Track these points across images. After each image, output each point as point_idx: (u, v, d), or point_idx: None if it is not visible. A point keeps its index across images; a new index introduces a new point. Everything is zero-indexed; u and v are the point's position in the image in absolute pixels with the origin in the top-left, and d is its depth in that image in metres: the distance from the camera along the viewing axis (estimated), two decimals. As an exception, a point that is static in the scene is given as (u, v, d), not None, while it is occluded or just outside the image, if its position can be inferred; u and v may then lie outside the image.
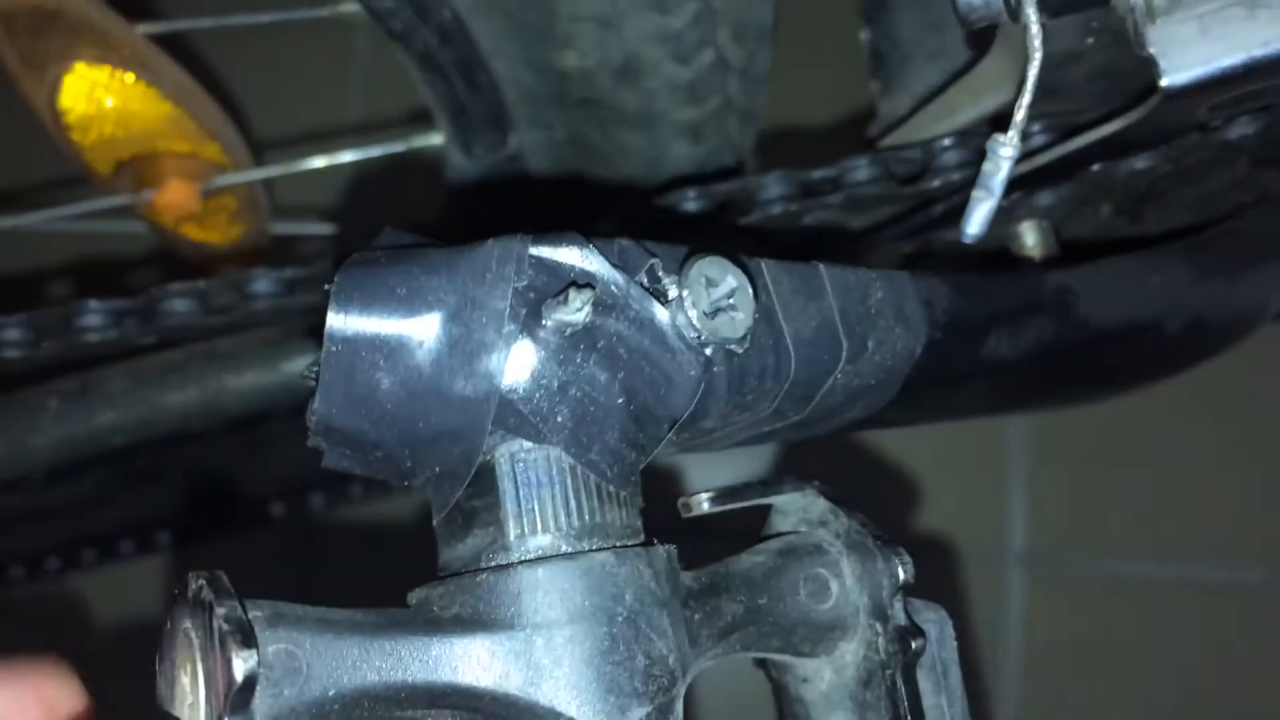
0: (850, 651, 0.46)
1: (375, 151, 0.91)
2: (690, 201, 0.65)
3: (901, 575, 0.44)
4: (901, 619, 0.44)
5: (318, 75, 1.38)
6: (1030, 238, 0.66)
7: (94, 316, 0.68)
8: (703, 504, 0.47)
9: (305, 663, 0.35)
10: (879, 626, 0.45)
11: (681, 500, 0.48)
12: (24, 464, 0.81)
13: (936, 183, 0.64)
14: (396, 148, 0.89)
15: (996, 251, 0.67)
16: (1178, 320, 0.62)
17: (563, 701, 0.37)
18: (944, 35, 0.85)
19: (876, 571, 0.45)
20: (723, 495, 0.47)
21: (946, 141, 0.64)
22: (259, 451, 0.91)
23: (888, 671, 0.44)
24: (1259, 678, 1.41)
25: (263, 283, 0.68)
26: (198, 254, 1.01)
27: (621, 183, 0.81)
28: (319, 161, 0.93)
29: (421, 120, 0.87)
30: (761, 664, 0.49)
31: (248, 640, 0.33)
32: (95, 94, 0.81)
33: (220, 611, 0.34)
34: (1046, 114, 0.64)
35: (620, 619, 0.38)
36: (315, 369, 0.42)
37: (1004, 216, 0.65)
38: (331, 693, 0.36)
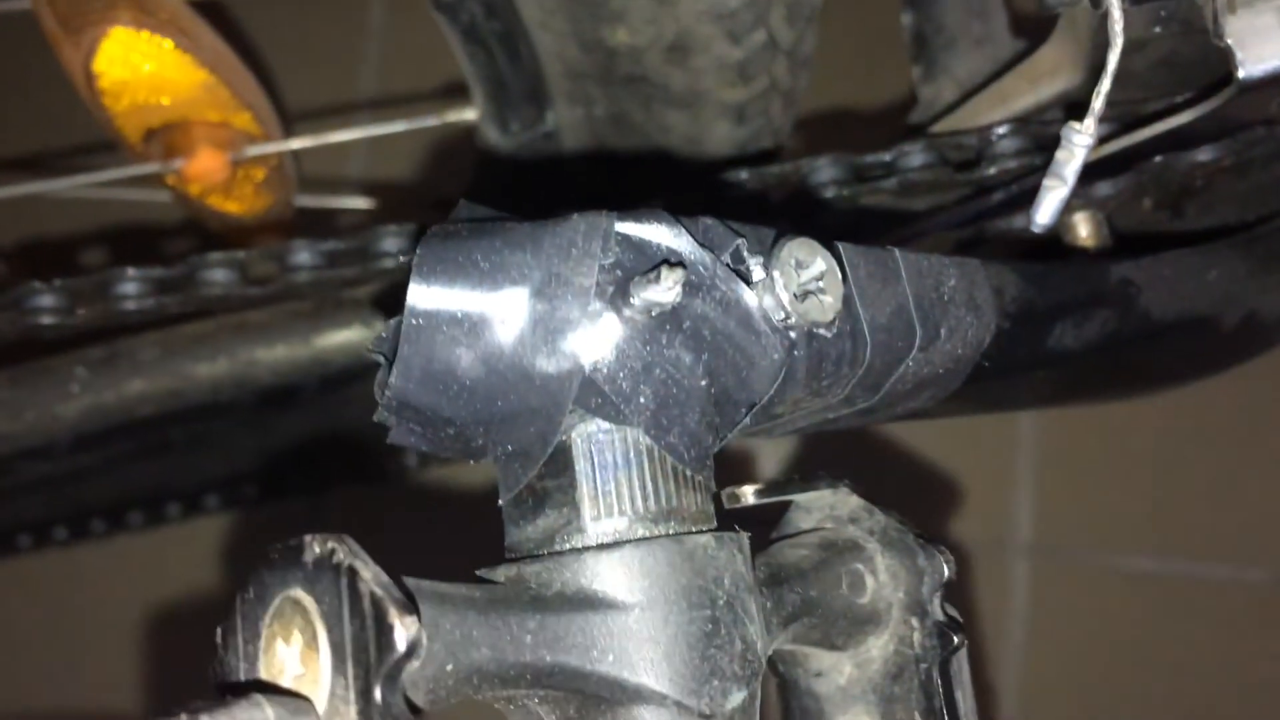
0: (878, 646, 0.46)
1: (408, 125, 0.90)
2: (741, 183, 0.64)
3: (946, 572, 0.44)
4: (940, 615, 0.44)
5: (346, 48, 1.36)
6: (1084, 229, 0.65)
7: (131, 285, 0.67)
8: (748, 496, 0.47)
9: (426, 635, 0.34)
10: (914, 621, 0.45)
11: (727, 491, 0.47)
12: (51, 432, 0.80)
13: (992, 170, 0.63)
14: (429, 122, 0.88)
15: (1049, 242, 0.66)
16: (1234, 315, 0.61)
17: (668, 684, 0.37)
18: (988, 21, 0.84)
19: (916, 568, 0.45)
20: (766, 489, 0.47)
21: (1003, 129, 0.64)
22: (284, 425, 0.90)
23: (923, 665, 0.44)
24: (1260, 675, 1.41)
25: (304, 254, 0.67)
26: (222, 224, 1.00)
27: (660, 162, 0.80)
28: (351, 134, 0.92)
29: (453, 95, 0.86)
30: (770, 661, 0.49)
31: (409, 606, 0.32)
32: (131, 59, 0.79)
33: (367, 575, 0.32)
34: (1112, 102, 0.63)
35: (721, 603, 0.38)
36: (382, 342, 0.41)
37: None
38: (449, 667, 0.34)
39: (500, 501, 0.42)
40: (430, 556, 0.41)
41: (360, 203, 1.12)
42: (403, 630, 0.31)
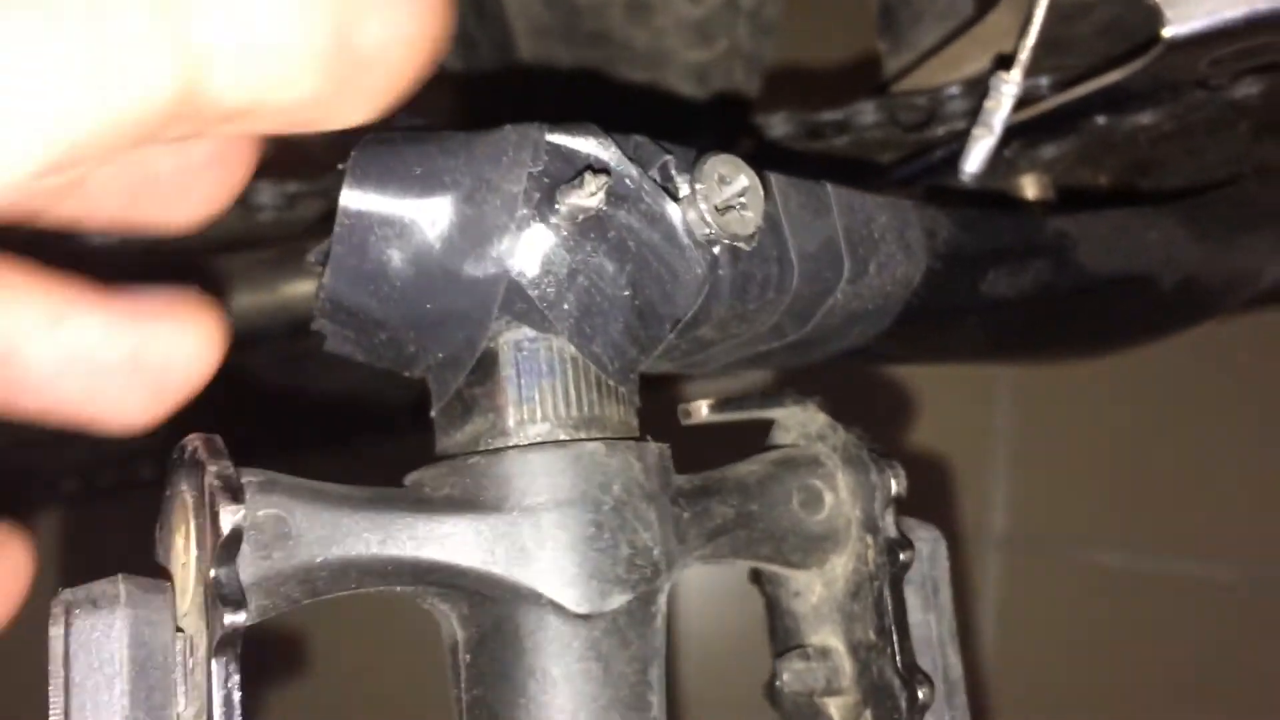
0: (841, 565, 0.46)
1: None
2: (700, 133, 0.66)
3: (894, 488, 0.45)
4: (891, 531, 0.44)
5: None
6: (1031, 190, 0.66)
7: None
8: (702, 410, 0.48)
9: (295, 529, 0.36)
10: (869, 539, 0.45)
11: (681, 406, 0.48)
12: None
13: (941, 130, 0.65)
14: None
15: (998, 201, 0.67)
16: (1172, 278, 0.63)
17: (544, 583, 0.38)
18: (953, -4, 0.86)
19: (870, 484, 0.45)
20: (722, 404, 0.48)
21: (954, 90, 0.65)
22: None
23: (875, 583, 0.45)
24: (1227, 672, 1.43)
25: (266, 195, 0.68)
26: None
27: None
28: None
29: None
30: (756, 580, 0.50)
31: (236, 496, 0.34)
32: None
33: (212, 469, 0.34)
34: (1054, 68, 0.65)
35: (606, 507, 0.39)
36: (321, 254, 0.42)
37: (1006, 168, 0.66)
38: (319, 560, 0.36)
39: (432, 412, 0.43)
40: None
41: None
42: (227, 517, 0.34)
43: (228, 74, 0.31)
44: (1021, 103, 0.62)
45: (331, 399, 0.93)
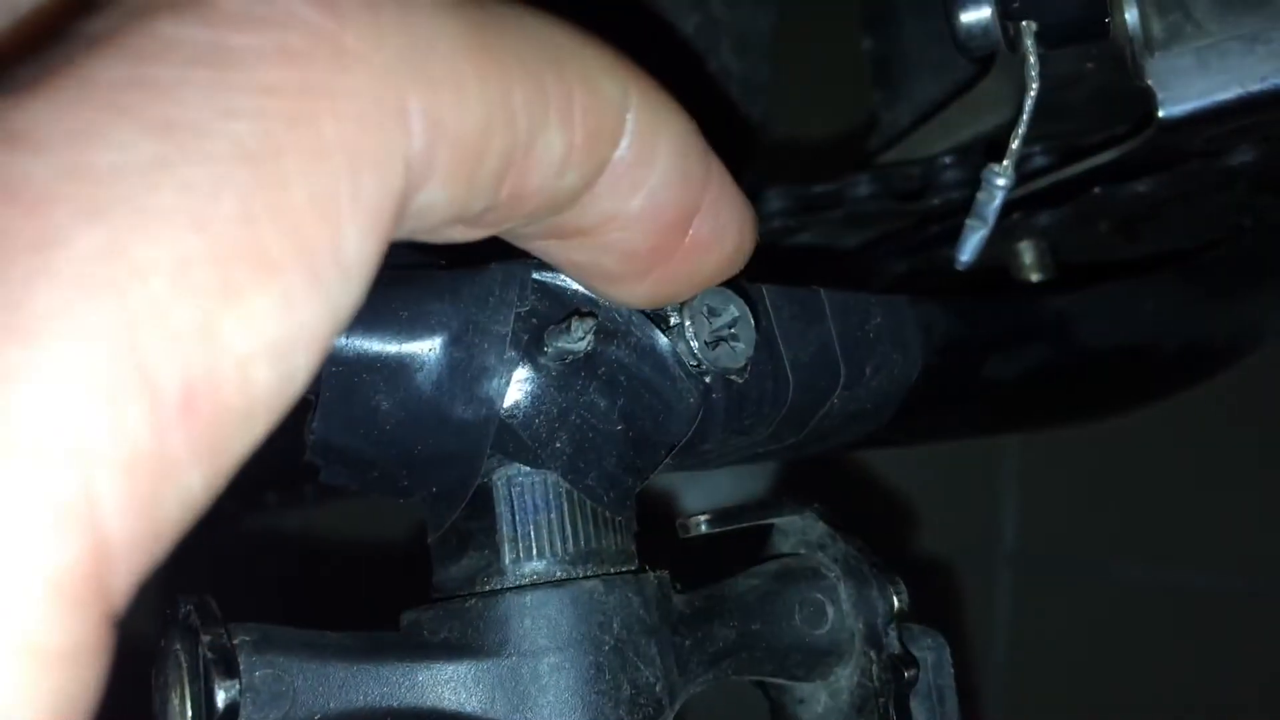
0: (845, 676, 0.46)
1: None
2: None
3: (896, 604, 0.44)
4: (895, 647, 0.44)
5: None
6: (1028, 257, 0.66)
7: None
8: (700, 525, 0.48)
9: (292, 686, 0.36)
10: (873, 654, 0.45)
11: (679, 521, 0.48)
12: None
13: (936, 200, 0.64)
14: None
15: (993, 270, 0.67)
16: (1174, 343, 0.62)
17: None
18: (948, 46, 0.85)
19: (872, 598, 0.45)
20: (720, 517, 0.48)
21: (947, 159, 0.65)
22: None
23: (881, 700, 0.44)
24: (1242, 686, 1.42)
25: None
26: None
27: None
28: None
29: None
30: (761, 685, 0.49)
31: (230, 670, 0.34)
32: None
33: (205, 639, 0.34)
34: (1047, 135, 0.64)
35: (607, 647, 0.39)
36: (313, 383, 0.42)
37: (1002, 236, 0.65)
38: (318, 716, 0.36)
39: (429, 540, 0.43)
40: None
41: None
42: (221, 693, 0.34)
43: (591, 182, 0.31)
44: (1017, 174, 0.62)
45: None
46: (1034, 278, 0.66)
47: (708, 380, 0.41)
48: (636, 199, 0.32)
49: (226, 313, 0.22)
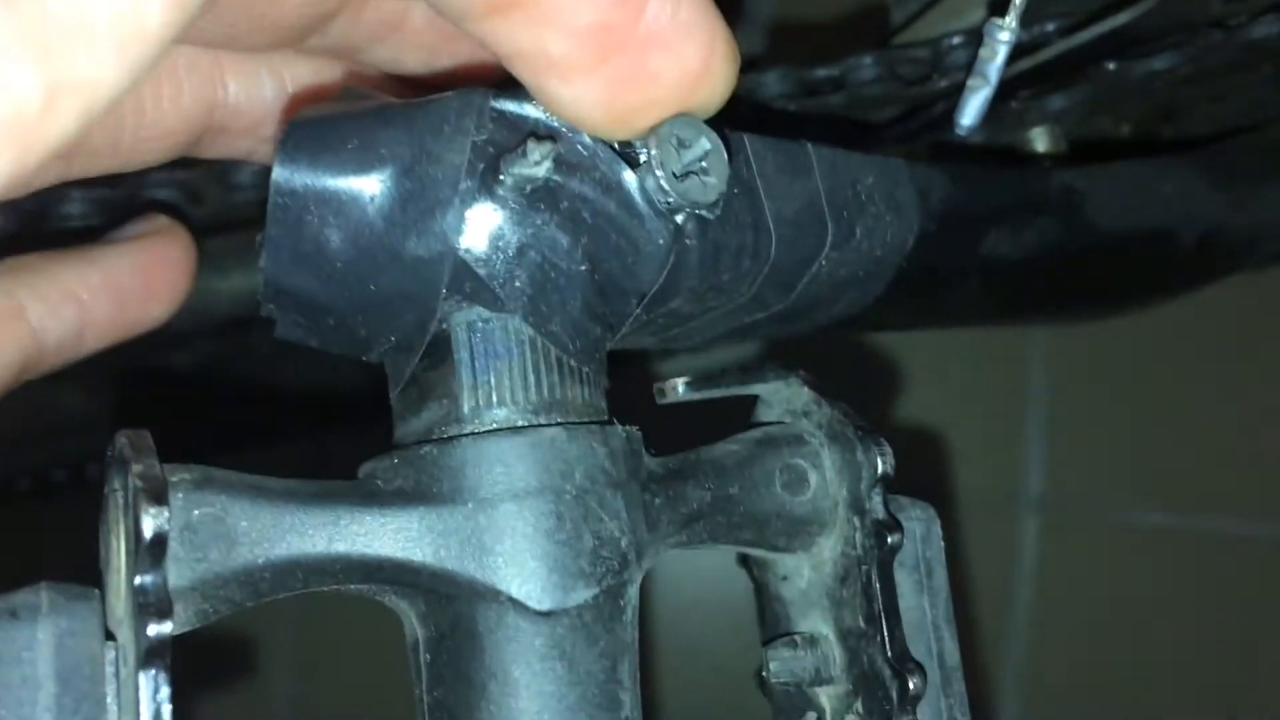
0: (829, 548, 0.44)
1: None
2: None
3: (880, 466, 0.42)
4: (879, 513, 0.42)
5: None
6: (1041, 144, 0.63)
7: (74, 205, 0.66)
8: (678, 388, 0.45)
9: (234, 528, 0.34)
10: (857, 521, 0.42)
11: (656, 385, 0.46)
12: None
13: (944, 83, 0.61)
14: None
15: (1006, 156, 0.64)
16: (1191, 233, 0.59)
17: (503, 579, 0.36)
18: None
19: (857, 462, 0.42)
20: (699, 381, 0.45)
21: (956, 39, 0.62)
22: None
23: (864, 567, 0.42)
24: (1273, 632, 1.39)
25: (246, 174, 0.66)
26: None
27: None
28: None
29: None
30: (744, 562, 0.47)
31: (159, 498, 0.32)
32: None
33: (136, 469, 0.32)
34: (1060, 13, 0.61)
35: (568, 496, 0.37)
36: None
37: (1014, 122, 0.62)
38: (261, 560, 0.34)
39: (390, 396, 0.41)
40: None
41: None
42: (149, 520, 0.32)
43: None
44: (1026, 51, 0.59)
45: (313, 388, 0.92)
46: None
47: (679, 219, 0.39)
48: None
49: None
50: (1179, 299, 0.65)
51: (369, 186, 0.37)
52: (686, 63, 0.34)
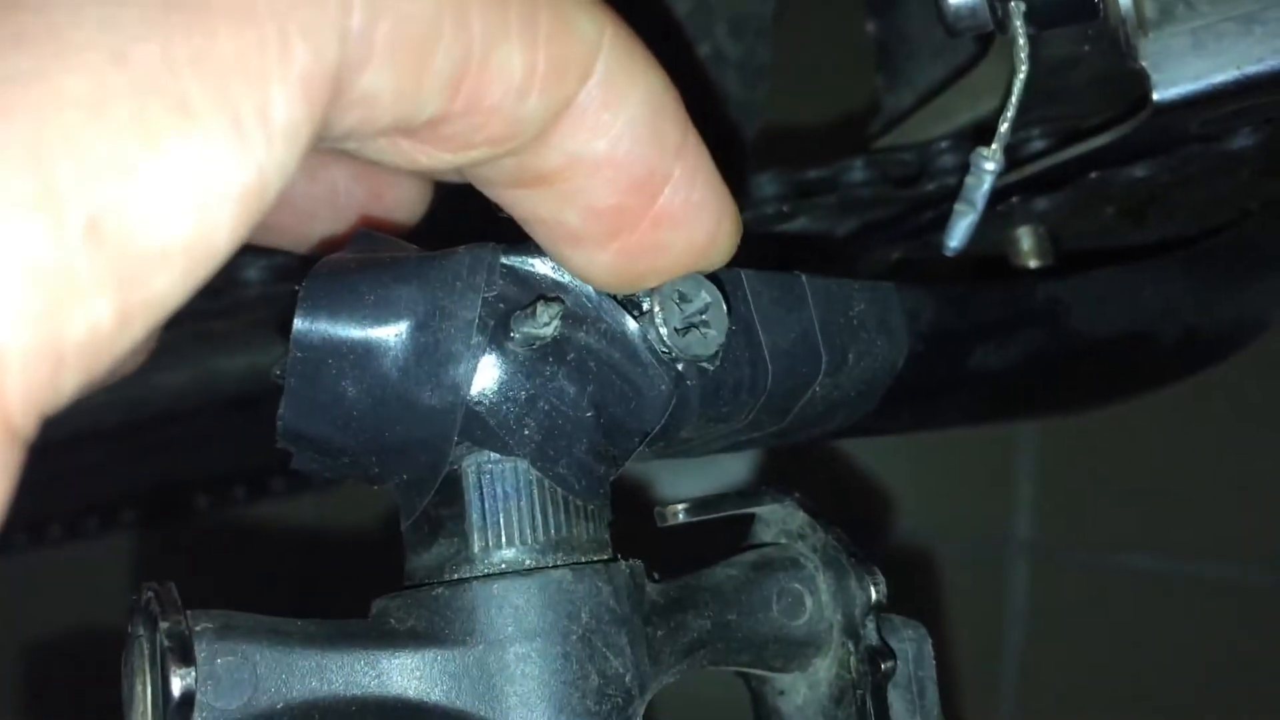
0: (824, 668, 0.45)
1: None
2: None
3: (874, 596, 0.44)
4: (873, 639, 0.43)
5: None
6: (1026, 243, 0.65)
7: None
8: (678, 515, 0.47)
9: (254, 674, 0.36)
10: (851, 645, 0.44)
11: (657, 510, 0.47)
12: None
13: (931, 186, 0.63)
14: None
15: (992, 258, 0.66)
16: (1173, 331, 0.61)
17: (514, 719, 0.37)
18: (950, 30, 0.84)
19: (850, 589, 0.44)
20: (698, 506, 0.47)
21: (943, 144, 0.64)
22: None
23: (859, 691, 0.44)
24: (1260, 677, 1.41)
25: (252, 270, 0.68)
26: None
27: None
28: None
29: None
30: (742, 674, 0.49)
31: (186, 657, 0.34)
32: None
33: (163, 626, 0.34)
34: (1045, 118, 0.63)
35: (574, 637, 0.38)
36: (284, 369, 0.41)
37: (1000, 222, 0.64)
38: (280, 705, 0.36)
39: (401, 527, 0.42)
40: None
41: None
42: (177, 680, 0.34)
43: (562, 117, 0.32)
44: (1012, 158, 0.61)
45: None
46: (1032, 264, 0.65)
47: (680, 367, 0.40)
48: (601, 143, 0.32)
49: (142, 151, 0.23)
50: (1160, 391, 0.67)
51: (385, 340, 0.39)
52: (695, 238, 0.36)
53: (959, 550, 1.52)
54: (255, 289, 0.68)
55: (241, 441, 0.91)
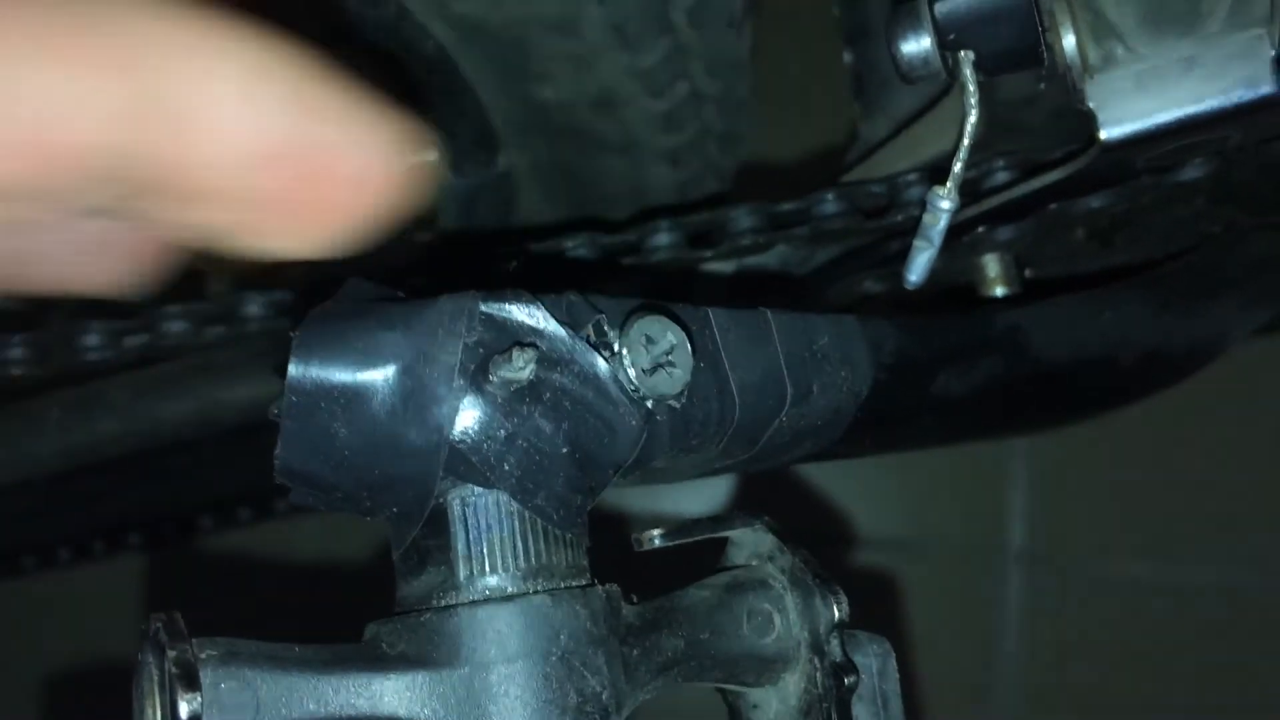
0: (793, 682, 0.48)
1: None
2: (663, 234, 0.67)
3: (837, 614, 0.46)
4: (837, 655, 0.46)
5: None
6: (992, 270, 0.68)
7: (94, 336, 0.71)
8: (654, 540, 0.50)
9: (255, 698, 0.39)
10: (818, 661, 0.47)
11: (634, 536, 0.50)
12: (26, 470, 0.84)
13: (900, 217, 0.66)
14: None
15: (961, 285, 0.69)
16: (1131, 354, 0.64)
17: None
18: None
19: (816, 608, 0.47)
20: (673, 531, 0.50)
21: (911, 176, 0.66)
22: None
23: (825, 705, 0.47)
24: (1252, 681, 1.42)
25: (254, 306, 0.70)
26: (194, 258, 1.03)
27: (604, 204, 0.83)
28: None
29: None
30: (718, 689, 0.52)
31: (192, 683, 0.37)
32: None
33: (171, 654, 0.37)
34: (1008, 151, 0.66)
35: (554, 658, 0.41)
36: (280, 408, 0.44)
37: (966, 250, 0.67)
38: None
39: (393, 556, 0.45)
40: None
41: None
42: (184, 705, 0.37)
43: (170, 136, 0.29)
44: (974, 191, 0.64)
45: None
46: (999, 291, 0.67)
47: (649, 405, 0.43)
48: (221, 139, 0.31)
49: None
50: (1121, 410, 0.69)
51: (373, 384, 0.41)
52: (375, 182, 0.33)
53: (952, 558, 1.53)
54: (256, 324, 0.70)
55: (244, 466, 0.94)
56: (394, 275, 0.50)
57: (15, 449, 0.83)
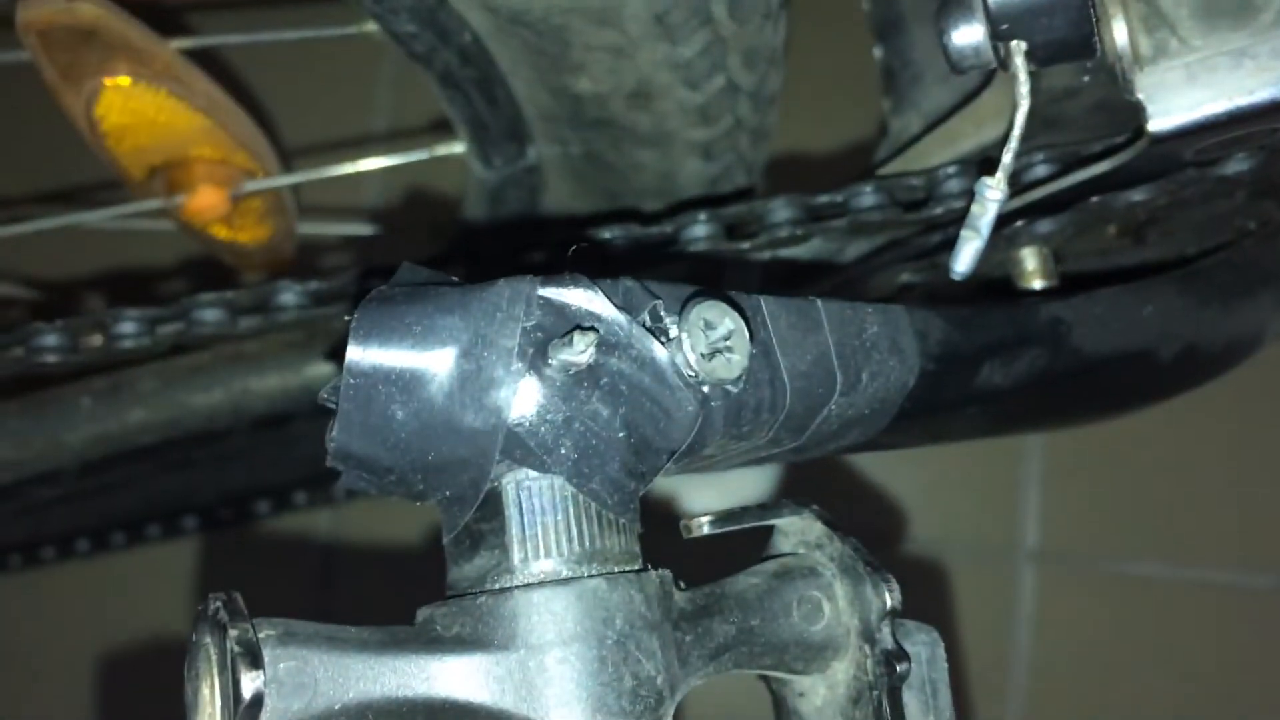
0: (842, 670, 0.48)
1: (399, 159, 0.94)
2: (699, 225, 0.67)
3: (889, 601, 0.46)
4: (888, 643, 0.46)
5: (344, 87, 1.43)
6: (1030, 263, 0.68)
7: (128, 324, 0.71)
8: (703, 527, 0.50)
9: (313, 678, 0.39)
10: (867, 649, 0.47)
11: (683, 523, 0.50)
12: (58, 459, 0.84)
13: (939, 210, 0.66)
14: (420, 155, 0.91)
15: (997, 278, 0.68)
16: (1171, 349, 0.64)
17: (553, 718, 0.40)
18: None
19: (866, 596, 0.47)
20: (722, 518, 0.50)
21: (949, 169, 0.66)
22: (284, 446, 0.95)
23: (875, 692, 0.47)
24: (1267, 682, 1.42)
25: (289, 295, 0.70)
26: (227, 252, 1.04)
27: (635, 197, 0.83)
28: (344, 168, 0.96)
29: (445, 129, 0.89)
30: (763, 677, 0.52)
31: (255, 662, 0.37)
32: (130, 105, 0.83)
33: (233, 634, 0.37)
34: (1048, 144, 0.66)
35: (610, 642, 0.41)
36: (334, 393, 0.44)
37: (1004, 243, 0.67)
38: (337, 706, 0.39)
39: (443, 541, 0.45)
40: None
41: (363, 230, 1.16)
42: (248, 683, 0.37)
43: None
44: (1016, 184, 0.64)
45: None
46: (1036, 284, 0.67)
47: (705, 389, 0.43)
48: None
49: None
50: (1159, 404, 0.69)
51: (432, 368, 0.42)
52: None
53: (967, 557, 1.53)
54: (290, 313, 0.70)
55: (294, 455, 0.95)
56: (432, 264, 0.50)
57: (47, 437, 0.83)
